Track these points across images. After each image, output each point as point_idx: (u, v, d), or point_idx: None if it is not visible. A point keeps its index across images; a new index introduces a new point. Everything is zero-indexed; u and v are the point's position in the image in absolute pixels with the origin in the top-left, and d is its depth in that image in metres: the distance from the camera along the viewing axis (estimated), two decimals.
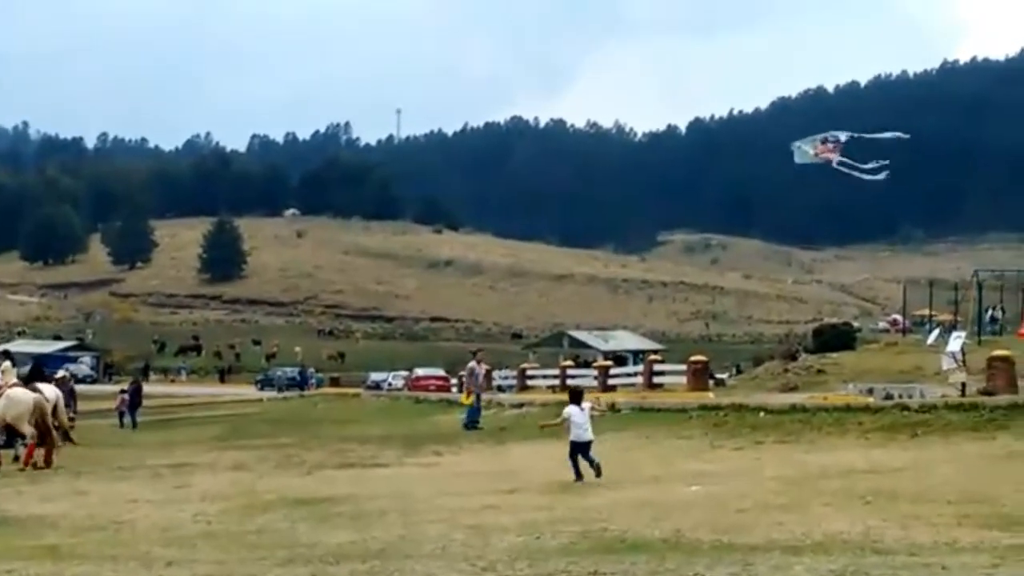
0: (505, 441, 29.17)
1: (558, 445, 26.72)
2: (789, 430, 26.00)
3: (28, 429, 24.99)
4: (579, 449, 18.97)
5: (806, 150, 39.50)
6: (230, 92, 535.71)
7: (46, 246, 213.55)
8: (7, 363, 27.21)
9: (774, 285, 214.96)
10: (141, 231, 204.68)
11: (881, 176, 39.12)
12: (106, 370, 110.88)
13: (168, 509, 16.76)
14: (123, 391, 49.78)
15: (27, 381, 33.33)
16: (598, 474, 18.63)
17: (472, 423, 34.19)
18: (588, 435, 19.07)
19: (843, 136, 39.19)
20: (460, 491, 17.98)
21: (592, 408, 20.19)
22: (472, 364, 36.64)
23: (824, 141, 39.09)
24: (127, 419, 47.15)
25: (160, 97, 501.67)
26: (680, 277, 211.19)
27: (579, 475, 18.77)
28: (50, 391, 26.32)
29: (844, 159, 38.04)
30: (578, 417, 19.22)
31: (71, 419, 42.55)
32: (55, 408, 26.03)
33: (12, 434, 28.52)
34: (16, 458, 27.55)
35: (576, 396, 20.01)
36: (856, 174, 38.75)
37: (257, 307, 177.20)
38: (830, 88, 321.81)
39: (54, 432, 25.35)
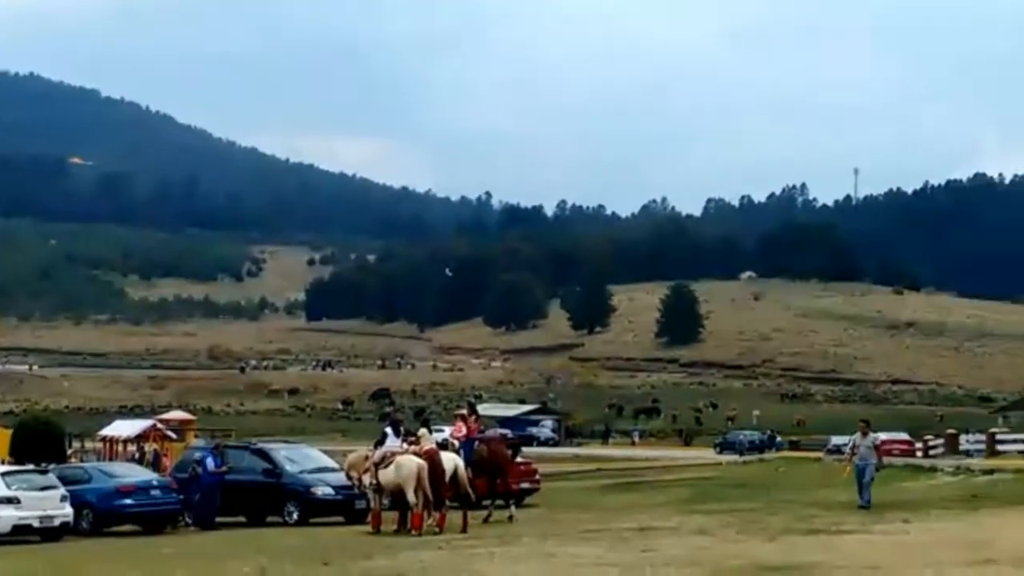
0: (977, 509, 28.02)
1: None
2: None
3: (411, 496, 25.74)
4: None
5: None
6: (685, 158, 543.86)
7: (508, 313, 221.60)
8: (424, 430, 28.17)
9: None
10: (600, 296, 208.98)
11: None
12: (567, 433, 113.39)
13: (635, 573, 16.83)
14: None
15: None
16: None
17: (866, 502, 30.21)
18: None
19: None
20: (932, 561, 17.31)
21: None
22: (855, 436, 33.83)
23: None
24: None
25: (616, 165, 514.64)
26: None
27: None
28: (447, 460, 26.95)
29: None
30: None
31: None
32: (455, 474, 26.70)
33: (483, 496, 29.73)
34: (487, 519, 28.53)
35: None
36: None
37: (714, 370, 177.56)
38: None
39: (428, 497, 25.95)
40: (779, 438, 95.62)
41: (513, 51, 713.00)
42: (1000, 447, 53.69)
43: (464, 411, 32.42)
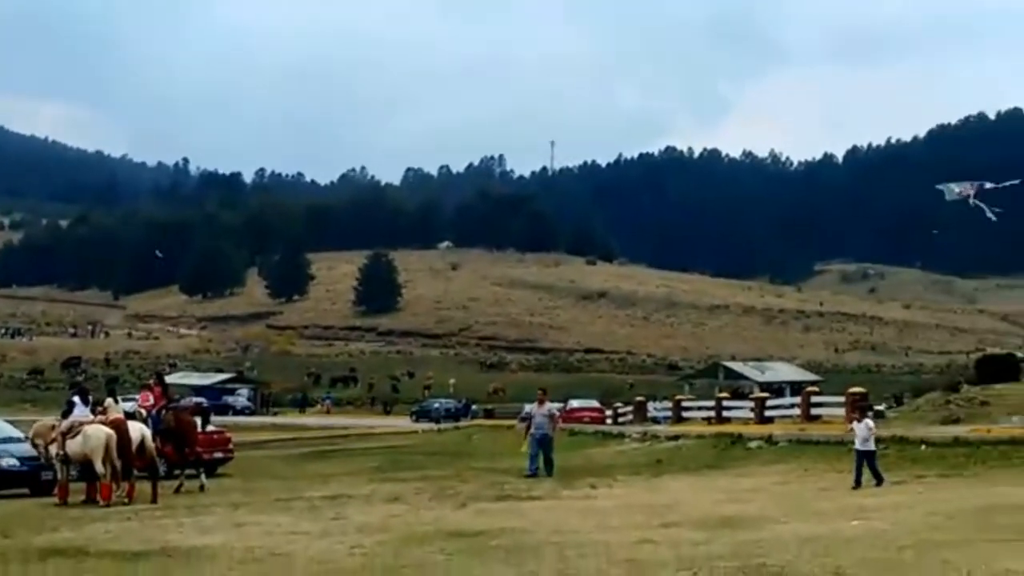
0: (661, 474, 28.88)
1: (716, 478, 26.51)
2: (952, 464, 25.40)
3: (100, 467, 25.28)
4: None
5: (952, 188, 43.39)
6: (385, 126, 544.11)
7: (205, 280, 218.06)
8: (110, 400, 27.55)
9: (934, 315, 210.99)
10: (298, 264, 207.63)
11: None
12: (263, 402, 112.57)
13: (325, 541, 16.78)
14: None
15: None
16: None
17: (532, 472, 30.89)
18: None
19: (988, 185, 43.76)
20: (616, 525, 17.76)
21: None
22: (531, 406, 34.54)
23: (971, 183, 43.22)
24: None
25: (316, 133, 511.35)
26: (837, 307, 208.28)
27: None
28: (135, 430, 26.52)
29: (978, 201, 42.15)
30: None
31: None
32: (142, 444, 26.30)
33: (174, 465, 29.55)
34: (178, 489, 28.16)
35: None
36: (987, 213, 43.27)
37: (412, 339, 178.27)
38: (991, 115, 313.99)
39: (116, 468, 25.47)
40: (474, 406, 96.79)
41: (211, 13, 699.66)
42: (686, 414, 55.48)
43: (152, 381, 31.96)
